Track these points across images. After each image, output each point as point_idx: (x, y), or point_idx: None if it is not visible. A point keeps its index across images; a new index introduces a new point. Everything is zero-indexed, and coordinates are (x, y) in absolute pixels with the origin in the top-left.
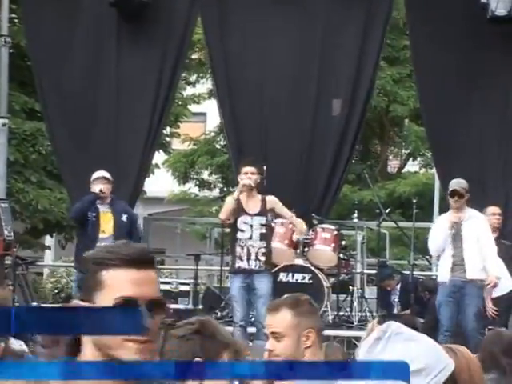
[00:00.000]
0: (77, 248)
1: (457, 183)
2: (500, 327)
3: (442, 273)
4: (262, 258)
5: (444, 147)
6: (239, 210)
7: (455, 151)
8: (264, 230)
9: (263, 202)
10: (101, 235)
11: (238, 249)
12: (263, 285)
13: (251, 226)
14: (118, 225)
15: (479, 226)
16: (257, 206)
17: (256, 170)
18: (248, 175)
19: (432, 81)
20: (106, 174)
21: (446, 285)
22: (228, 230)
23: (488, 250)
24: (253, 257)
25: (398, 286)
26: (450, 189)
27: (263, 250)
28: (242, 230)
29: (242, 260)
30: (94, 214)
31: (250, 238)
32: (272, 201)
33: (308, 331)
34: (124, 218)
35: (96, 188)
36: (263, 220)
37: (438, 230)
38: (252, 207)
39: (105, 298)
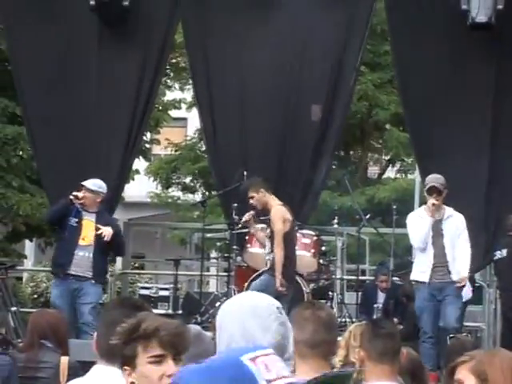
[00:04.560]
0: (55, 252)
1: (434, 179)
2: None
3: (422, 273)
4: None
5: (427, 150)
6: None
7: (438, 154)
8: None
9: None
10: (80, 242)
11: None
12: None
13: None
14: (99, 236)
15: (459, 224)
16: None
17: None
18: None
19: (414, 84)
20: (88, 184)
21: (425, 286)
22: (208, 235)
23: (465, 251)
24: None
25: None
26: (428, 185)
27: None
28: None
29: None
30: (76, 220)
31: None
32: None
33: None
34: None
35: (73, 193)
36: None
37: (418, 223)
38: None
39: None
